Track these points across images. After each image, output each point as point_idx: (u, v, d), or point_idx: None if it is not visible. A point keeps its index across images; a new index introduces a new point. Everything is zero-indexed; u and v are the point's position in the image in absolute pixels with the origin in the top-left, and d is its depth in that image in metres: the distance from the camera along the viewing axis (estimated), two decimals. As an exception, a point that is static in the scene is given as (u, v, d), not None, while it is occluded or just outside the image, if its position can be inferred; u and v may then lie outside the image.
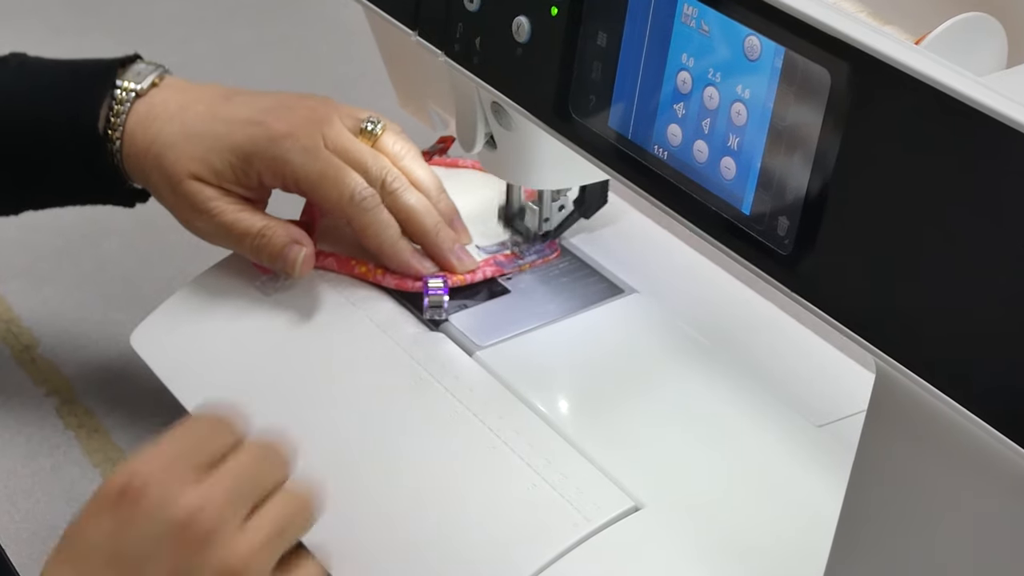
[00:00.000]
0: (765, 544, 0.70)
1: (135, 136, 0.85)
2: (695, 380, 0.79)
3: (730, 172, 0.59)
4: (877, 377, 0.56)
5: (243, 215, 0.85)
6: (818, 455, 0.75)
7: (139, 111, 0.85)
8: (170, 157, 0.84)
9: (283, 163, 0.83)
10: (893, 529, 0.58)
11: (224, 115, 0.85)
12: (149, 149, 0.84)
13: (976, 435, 0.51)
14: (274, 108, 0.84)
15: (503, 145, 0.79)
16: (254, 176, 0.84)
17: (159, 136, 0.84)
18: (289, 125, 0.83)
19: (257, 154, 0.83)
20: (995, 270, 0.48)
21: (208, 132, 0.84)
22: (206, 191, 0.84)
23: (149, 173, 0.85)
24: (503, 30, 0.68)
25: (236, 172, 0.84)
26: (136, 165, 0.86)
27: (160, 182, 0.85)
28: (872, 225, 0.52)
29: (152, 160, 0.84)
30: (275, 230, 0.84)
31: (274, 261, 0.84)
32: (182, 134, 0.84)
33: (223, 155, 0.83)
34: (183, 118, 0.84)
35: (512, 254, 0.87)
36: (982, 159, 0.48)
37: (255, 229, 0.84)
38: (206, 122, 0.84)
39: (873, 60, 0.51)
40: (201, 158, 0.83)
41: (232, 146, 0.83)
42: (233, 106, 0.85)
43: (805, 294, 0.56)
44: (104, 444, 0.91)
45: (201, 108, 0.85)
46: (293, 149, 0.82)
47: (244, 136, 0.83)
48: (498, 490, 0.73)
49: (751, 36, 0.56)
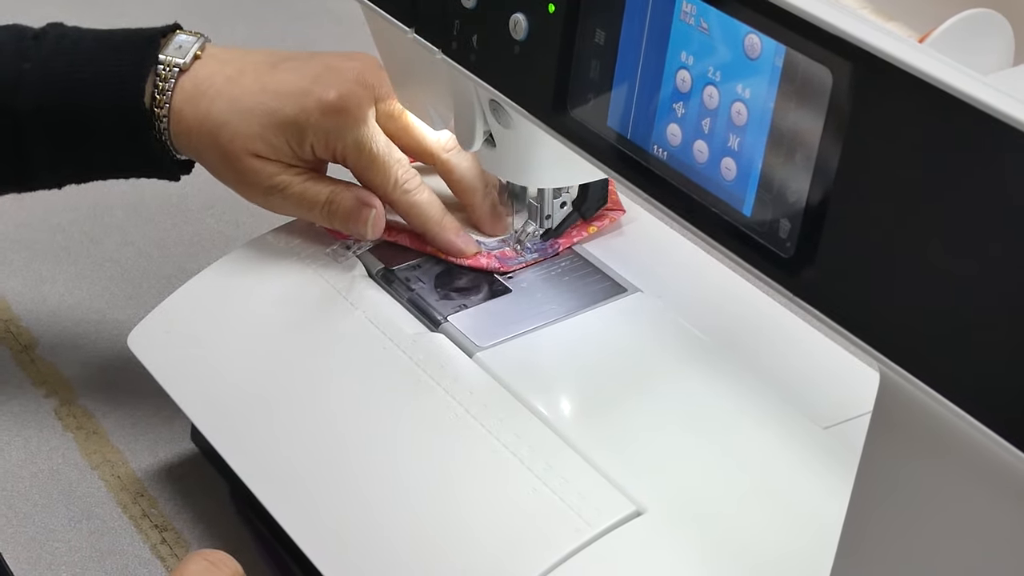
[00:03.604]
0: (769, 549, 0.69)
1: (183, 113, 0.85)
2: (699, 382, 0.78)
3: (731, 173, 0.58)
4: (881, 381, 0.55)
5: (309, 184, 0.85)
6: (824, 458, 0.74)
7: (185, 87, 0.85)
8: (225, 135, 0.84)
9: (335, 139, 0.84)
10: (898, 535, 0.57)
11: (273, 87, 0.84)
12: (201, 126, 0.84)
13: (979, 440, 0.50)
14: (322, 74, 0.84)
15: (502, 144, 0.78)
16: (308, 149, 0.84)
17: (209, 113, 0.84)
18: (339, 94, 0.83)
19: (309, 127, 0.83)
20: (1000, 273, 0.47)
21: (260, 107, 0.84)
22: (268, 167, 0.84)
23: (204, 151, 0.86)
24: (500, 28, 0.67)
25: (292, 146, 0.84)
26: (187, 142, 0.86)
27: (217, 160, 0.85)
28: (875, 227, 0.51)
29: (206, 138, 0.85)
30: (343, 194, 0.85)
31: (346, 224, 0.85)
32: (234, 110, 0.84)
33: (278, 131, 0.83)
34: (232, 93, 0.84)
35: (514, 251, 0.86)
36: (987, 160, 0.47)
37: (323, 197, 0.85)
38: (256, 95, 0.84)
39: (875, 59, 0.49)
40: (258, 135, 0.84)
41: (285, 121, 0.83)
42: (280, 74, 0.85)
43: (807, 297, 0.55)
44: (102, 446, 0.91)
45: (248, 80, 0.85)
46: (345, 126, 0.83)
47: (296, 108, 0.83)
48: (498, 495, 0.72)
49: (751, 34, 0.55)
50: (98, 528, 0.85)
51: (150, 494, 0.88)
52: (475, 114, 0.77)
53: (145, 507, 0.87)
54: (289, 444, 0.77)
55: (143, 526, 0.85)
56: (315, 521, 0.73)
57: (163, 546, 0.84)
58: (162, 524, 0.86)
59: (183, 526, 0.86)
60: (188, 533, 0.85)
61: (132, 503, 0.87)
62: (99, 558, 0.84)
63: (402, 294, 0.84)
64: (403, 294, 0.84)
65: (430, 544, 0.70)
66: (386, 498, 0.73)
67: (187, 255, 0.91)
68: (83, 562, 0.83)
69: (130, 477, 0.89)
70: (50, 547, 0.84)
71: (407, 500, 0.73)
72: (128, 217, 0.89)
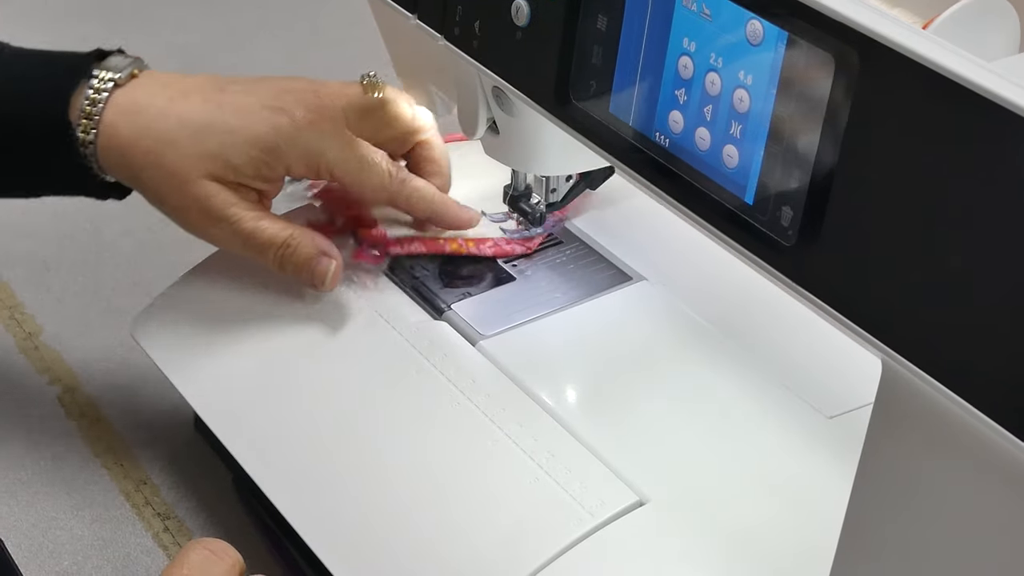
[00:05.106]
0: (772, 539, 0.69)
1: (117, 127, 0.79)
2: (703, 371, 0.78)
3: (733, 160, 0.57)
4: (883, 372, 0.55)
5: (264, 223, 0.80)
6: (828, 447, 0.73)
7: (119, 102, 0.79)
8: (172, 155, 0.78)
9: (317, 154, 0.79)
10: (900, 525, 0.57)
11: (231, 105, 0.79)
12: (139, 144, 0.79)
13: (981, 431, 0.49)
14: (280, 94, 0.80)
15: (505, 130, 0.78)
16: (281, 169, 0.80)
17: (151, 131, 0.79)
18: (308, 110, 0.79)
19: (285, 146, 0.78)
20: (1003, 262, 0.47)
21: (220, 125, 0.79)
22: (223, 195, 0.79)
23: (141, 171, 0.80)
24: (503, 13, 0.67)
25: (258, 165, 0.79)
26: (119, 160, 0.80)
27: (159, 182, 0.80)
28: (878, 215, 0.51)
29: (145, 157, 0.79)
30: (301, 239, 0.80)
31: (299, 273, 0.80)
32: (184, 128, 0.79)
33: (242, 149, 0.78)
34: (179, 111, 0.79)
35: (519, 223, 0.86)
36: (991, 148, 0.46)
37: (279, 239, 0.80)
38: (211, 114, 0.79)
39: (878, 45, 0.49)
40: (214, 154, 0.78)
41: (253, 139, 0.78)
42: (233, 95, 0.80)
43: (809, 286, 0.55)
44: (105, 434, 0.90)
45: (196, 100, 0.80)
46: (323, 139, 0.79)
47: (267, 126, 0.78)
48: (500, 484, 0.71)
49: (753, 20, 0.55)
50: (100, 516, 0.85)
51: (152, 482, 0.87)
52: (478, 101, 0.77)
53: (147, 495, 0.87)
54: (291, 432, 0.77)
55: (145, 514, 0.85)
56: (317, 509, 0.73)
57: (165, 534, 0.84)
58: (164, 512, 0.85)
59: (185, 515, 0.85)
60: (190, 522, 0.85)
61: (135, 491, 0.87)
62: (101, 546, 0.83)
63: (406, 282, 0.84)
64: (407, 282, 0.84)
65: (432, 533, 0.70)
66: (388, 486, 0.73)
67: (191, 243, 0.90)
68: (85, 550, 0.83)
69: (133, 465, 0.89)
70: (52, 535, 0.84)
71: (409, 488, 0.72)
72: (132, 204, 0.88)
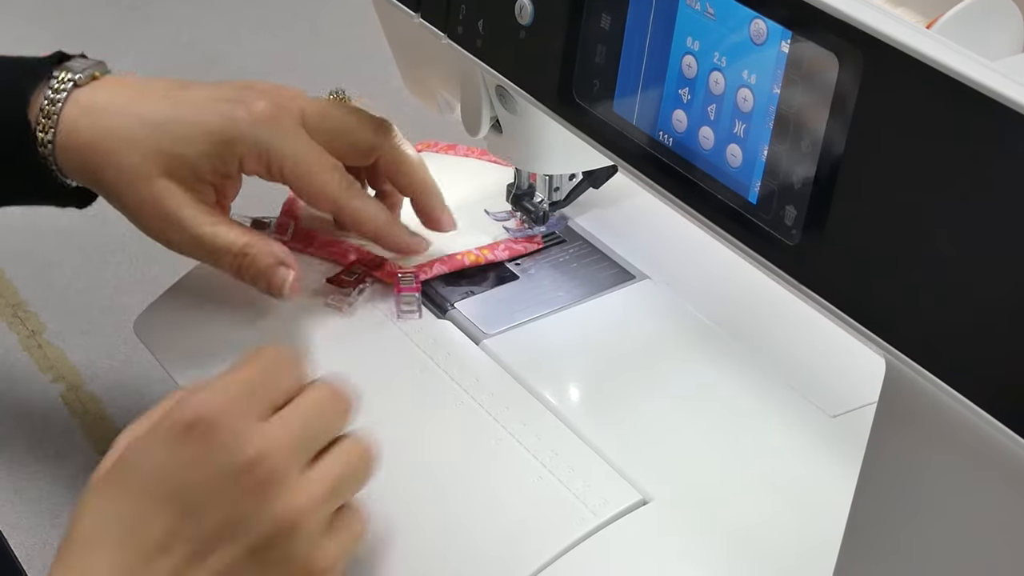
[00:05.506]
0: (776, 538, 0.69)
1: (77, 126, 0.77)
2: (706, 369, 0.78)
3: (736, 160, 0.57)
4: (887, 371, 0.54)
5: (221, 228, 0.78)
6: (832, 446, 0.73)
7: (80, 101, 0.78)
8: (129, 153, 0.77)
9: (268, 149, 0.77)
10: (903, 524, 0.57)
11: (188, 101, 0.78)
12: (100, 144, 0.77)
13: (985, 430, 0.49)
14: (241, 90, 0.78)
15: (509, 130, 0.78)
16: (234, 164, 0.78)
17: (111, 130, 0.77)
18: (267, 103, 0.77)
19: (239, 138, 0.77)
20: (1006, 262, 0.47)
21: (175, 119, 0.77)
22: (178, 196, 0.77)
23: (100, 171, 0.78)
24: (506, 12, 0.67)
25: (213, 161, 0.77)
26: (79, 162, 0.78)
27: (118, 182, 0.78)
28: (881, 215, 0.51)
29: (104, 157, 0.77)
30: (259, 247, 0.78)
31: (256, 282, 0.79)
32: (143, 126, 0.77)
33: (196, 143, 0.76)
34: (138, 110, 0.77)
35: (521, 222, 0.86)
36: (994, 148, 0.46)
37: (236, 246, 0.78)
38: (168, 111, 0.77)
39: (882, 45, 0.49)
40: (169, 151, 0.76)
41: (207, 131, 0.77)
42: (194, 92, 0.78)
43: (812, 285, 0.54)
44: (108, 432, 0.91)
45: (156, 98, 0.78)
46: (278, 135, 0.77)
47: (222, 118, 0.77)
48: (504, 482, 0.71)
49: (757, 19, 0.54)
50: (104, 514, 0.85)
51: (156, 480, 0.87)
52: (481, 100, 0.77)
53: (151, 493, 0.87)
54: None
55: (149, 512, 0.85)
56: (320, 508, 0.73)
57: (169, 532, 0.84)
58: (168, 510, 0.85)
59: (189, 512, 0.85)
60: (193, 519, 0.85)
61: (138, 489, 0.87)
62: (105, 544, 0.83)
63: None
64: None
65: (435, 531, 0.70)
66: (391, 484, 0.73)
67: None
68: (89, 548, 0.83)
69: (136, 463, 0.89)
70: (56, 533, 0.84)
71: (412, 487, 0.72)
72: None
